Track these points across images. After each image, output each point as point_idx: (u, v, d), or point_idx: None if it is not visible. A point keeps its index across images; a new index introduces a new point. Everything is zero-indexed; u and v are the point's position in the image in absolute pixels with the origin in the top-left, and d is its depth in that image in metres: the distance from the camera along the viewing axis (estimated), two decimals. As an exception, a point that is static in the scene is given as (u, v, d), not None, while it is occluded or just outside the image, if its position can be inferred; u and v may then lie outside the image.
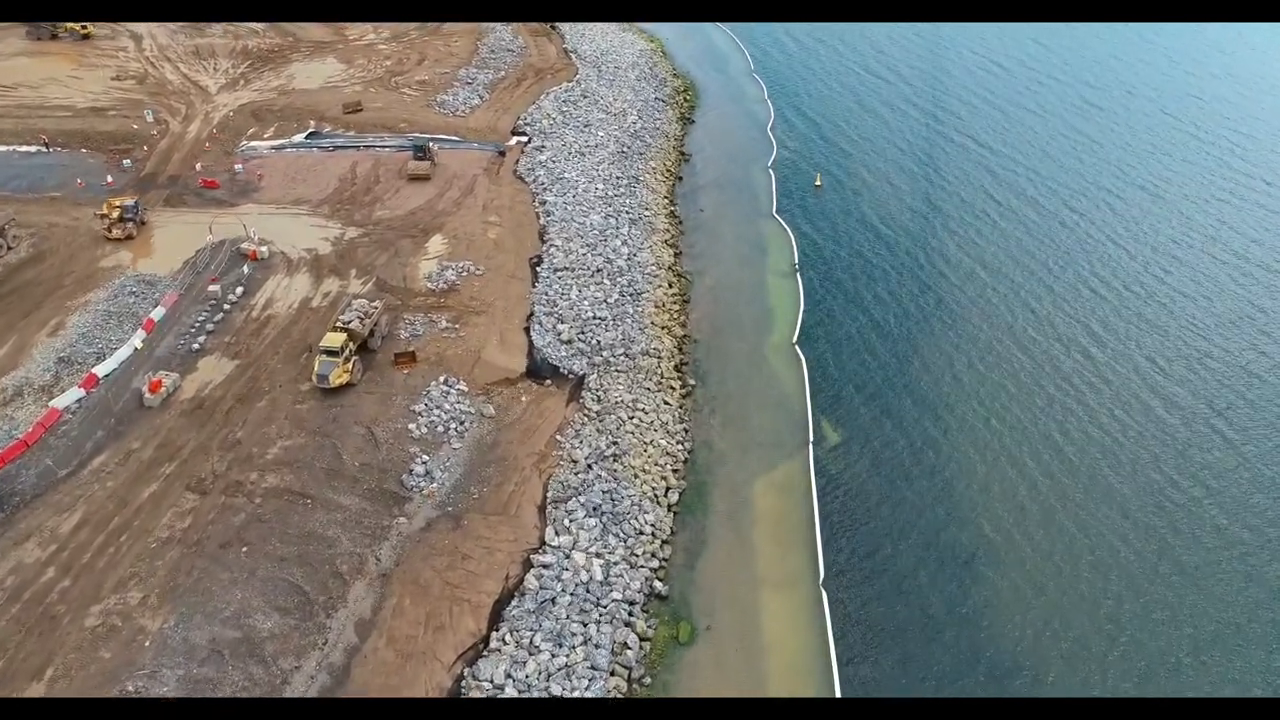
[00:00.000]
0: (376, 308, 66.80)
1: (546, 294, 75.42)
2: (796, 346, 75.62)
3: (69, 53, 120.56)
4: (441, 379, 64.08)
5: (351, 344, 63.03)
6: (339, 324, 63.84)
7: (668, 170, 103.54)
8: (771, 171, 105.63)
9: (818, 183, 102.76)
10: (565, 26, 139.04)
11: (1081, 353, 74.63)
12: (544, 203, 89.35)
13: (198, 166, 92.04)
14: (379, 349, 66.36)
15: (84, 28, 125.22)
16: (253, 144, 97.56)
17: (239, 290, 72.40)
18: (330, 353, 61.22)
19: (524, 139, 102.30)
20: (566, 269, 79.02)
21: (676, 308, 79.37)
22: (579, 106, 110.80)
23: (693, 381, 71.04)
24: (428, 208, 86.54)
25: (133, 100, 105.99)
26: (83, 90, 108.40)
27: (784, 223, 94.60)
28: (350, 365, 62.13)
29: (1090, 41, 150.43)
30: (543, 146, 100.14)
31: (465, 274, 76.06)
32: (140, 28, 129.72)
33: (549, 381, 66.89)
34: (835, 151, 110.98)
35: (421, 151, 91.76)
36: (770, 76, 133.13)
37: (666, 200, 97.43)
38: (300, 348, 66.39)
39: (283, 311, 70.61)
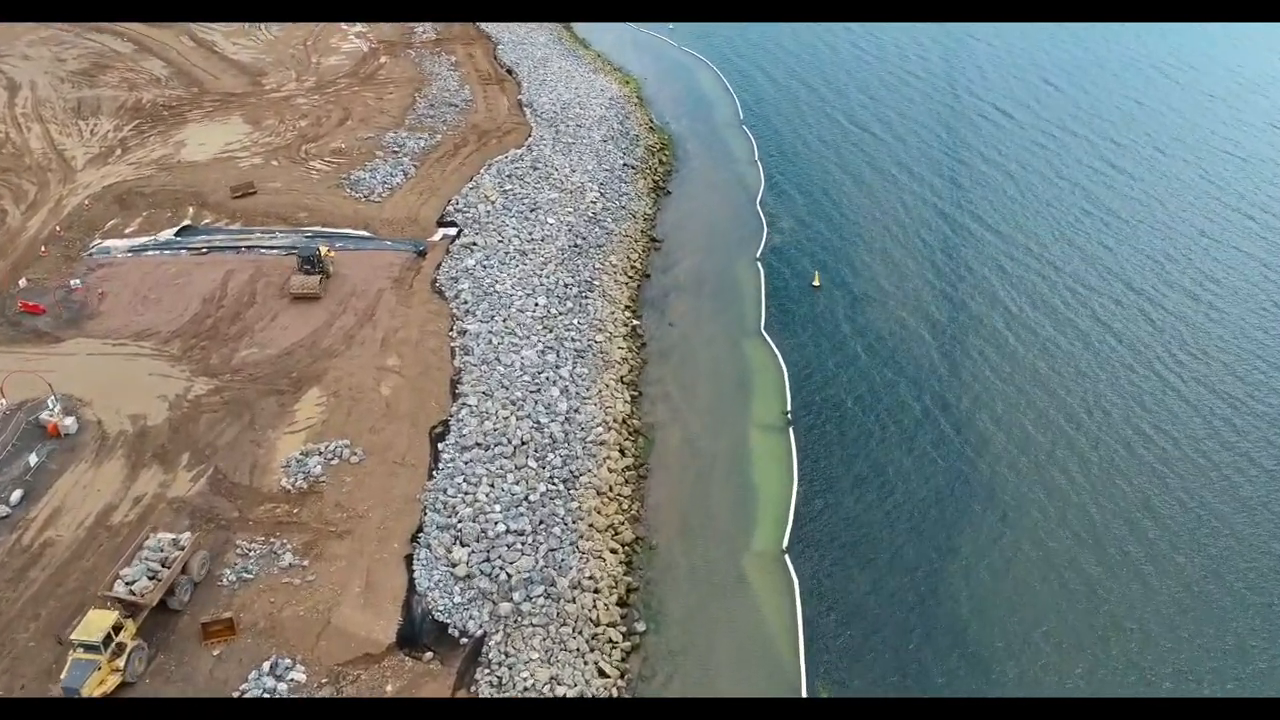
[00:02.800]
0: (184, 547, 46.74)
1: (444, 494, 55.07)
2: (787, 557, 55.85)
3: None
4: (268, 663, 44.07)
5: (132, 622, 43.15)
6: (115, 591, 43.60)
7: (632, 268, 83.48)
8: (760, 265, 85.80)
9: (816, 282, 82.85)
10: (523, 72, 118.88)
11: (1135, 575, 54.47)
12: (463, 332, 69.23)
13: (22, 281, 72.06)
14: (185, 606, 46.44)
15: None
16: (106, 244, 77.52)
17: (16, 495, 52.36)
18: (89, 647, 41.26)
19: (452, 232, 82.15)
20: (479, 445, 58.82)
21: (628, 492, 59.38)
22: (526, 183, 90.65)
23: (641, 627, 51.01)
24: (309, 344, 66.45)
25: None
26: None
27: (774, 345, 74.75)
28: (123, 660, 42.16)
29: (1105, 82, 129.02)
30: (474, 245, 79.86)
31: (337, 461, 55.91)
32: (21, 76, 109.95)
33: (430, 654, 46.68)
34: (834, 233, 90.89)
35: (311, 263, 71.45)
36: (762, 128, 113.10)
37: (628, 312, 77.36)
38: (78, 600, 46.48)
39: (68, 535, 50.49)
